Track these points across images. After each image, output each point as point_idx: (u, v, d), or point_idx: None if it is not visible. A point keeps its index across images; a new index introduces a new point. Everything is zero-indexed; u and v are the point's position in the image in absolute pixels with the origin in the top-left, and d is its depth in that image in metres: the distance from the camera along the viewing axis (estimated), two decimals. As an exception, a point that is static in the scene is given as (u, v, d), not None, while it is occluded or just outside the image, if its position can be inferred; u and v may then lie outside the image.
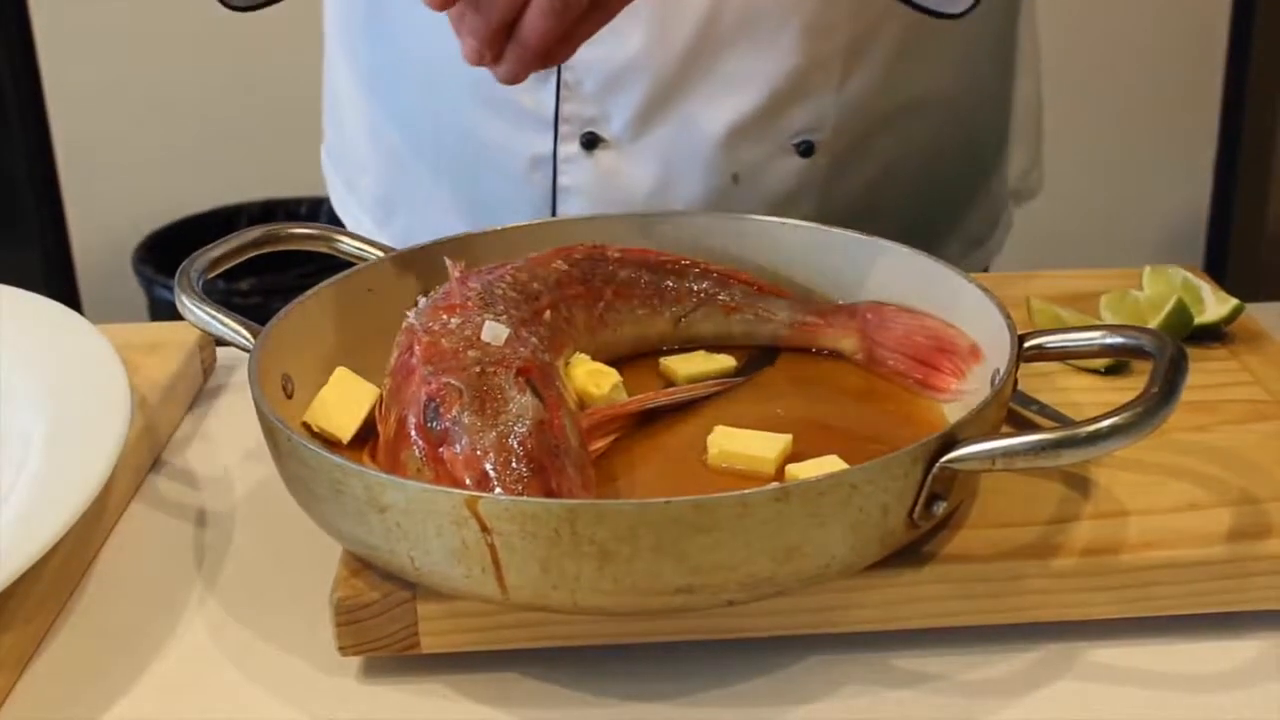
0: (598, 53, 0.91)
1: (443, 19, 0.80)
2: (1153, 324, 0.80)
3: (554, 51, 0.73)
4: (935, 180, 1.02)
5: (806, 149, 0.94)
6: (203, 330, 0.71)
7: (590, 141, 0.95)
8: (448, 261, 0.74)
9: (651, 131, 0.94)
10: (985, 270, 1.10)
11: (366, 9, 1.02)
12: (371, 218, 1.08)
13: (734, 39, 0.91)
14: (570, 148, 0.96)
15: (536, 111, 0.96)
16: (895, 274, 0.77)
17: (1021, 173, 1.11)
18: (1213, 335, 0.82)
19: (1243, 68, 2.41)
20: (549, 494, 0.59)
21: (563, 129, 0.95)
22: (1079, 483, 0.67)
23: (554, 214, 0.98)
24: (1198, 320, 0.81)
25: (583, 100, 0.94)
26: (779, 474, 0.66)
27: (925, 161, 1.00)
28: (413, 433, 0.63)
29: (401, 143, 1.04)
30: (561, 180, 0.97)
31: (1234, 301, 0.82)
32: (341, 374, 0.70)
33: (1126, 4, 2.33)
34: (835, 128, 0.94)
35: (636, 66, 0.92)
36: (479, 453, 0.60)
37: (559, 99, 0.94)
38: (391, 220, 1.07)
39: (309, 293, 0.72)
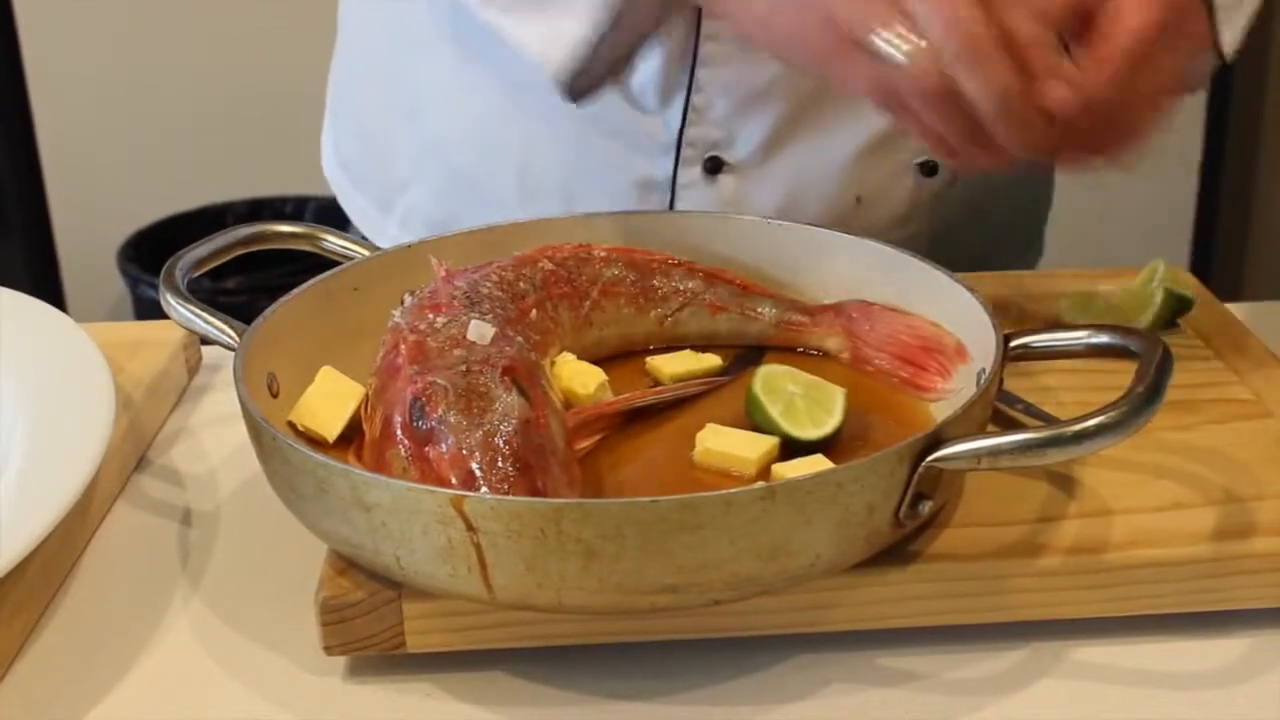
0: (734, 74, 0.89)
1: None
2: (1144, 319, 0.81)
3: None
4: (1006, 194, 1.02)
5: (931, 168, 0.93)
6: (187, 329, 0.71)
7: (714, 166, 0.92)
8: (433, 260, 0.74)
9: (779, 155, 0.92)
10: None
11: (439, 22, 0.96)
12: (416, 238, 1.02)
13: None
14: (692, 172, 0.92)
15: (657, 134, 0.92)
16: (881, 273, 0.77)
17: (1051, 185, 1.11)
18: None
19: (1228, 68, 2.41)
20: (534, 493, 0.59)
21: (685, 153, 0.92)
22: (1064, 482, 0.67)
23: None
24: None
25: (711, 123, 0.91)
26: (763, 474, 0.66)
27: (1004, 177, 1.00)
28: (398, 432, 0.63)
29: (474, 163, 0.98)
30: (679, 206, 0.93)
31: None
32: (327, 373, 0.70)
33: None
34: None
35: (774, 88, 0.89)
36: (464, 452, 0.60)
37: (685, 122, 0.91)
38: None
39: (294, 291, 0.72)
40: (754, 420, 0.69)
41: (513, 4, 0.84)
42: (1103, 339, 0.65)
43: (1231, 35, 0.75)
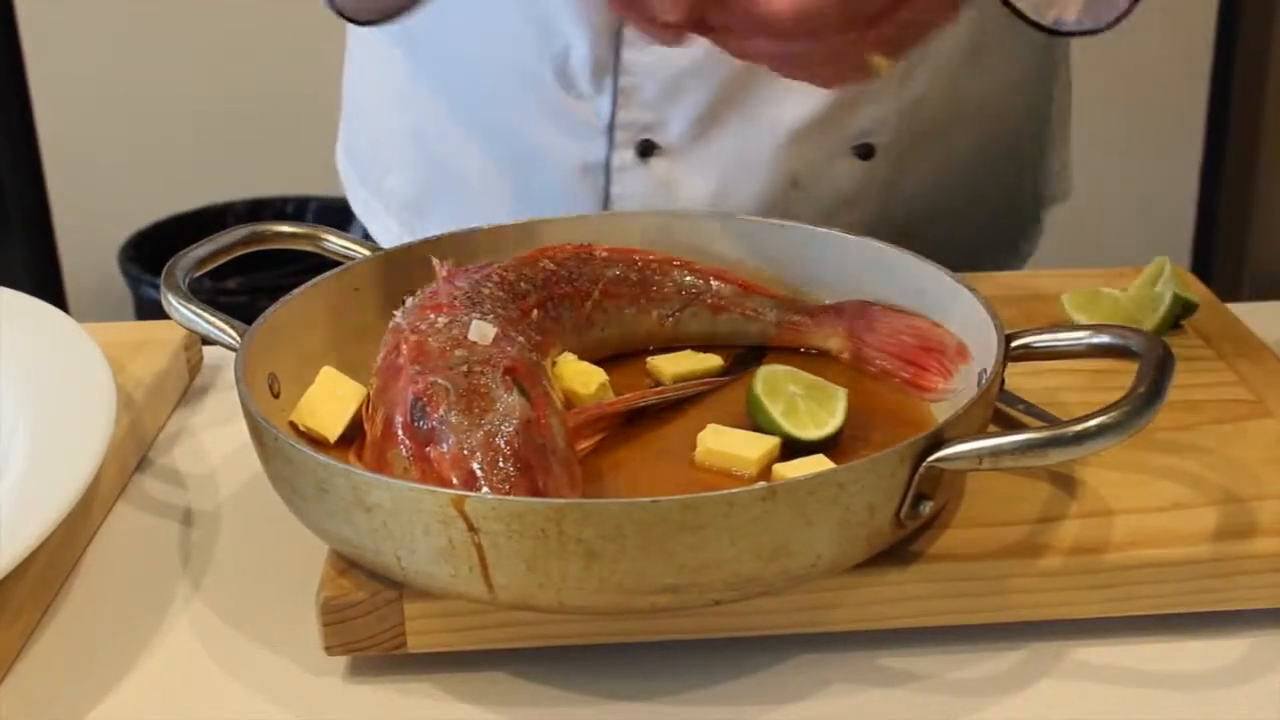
0: (659, 57, 0.90)
1: (502, 18, 0.77)
2: (1150, 323, 0.81)
3: None
4: (985, 186, 1.02)
5: (866, 152, 0.93)
6: (189, 329, 0.71)
7: (646, 149, 0.93)
8: (434, 261, 0.74)
9: (710, 138, 0.93)
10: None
11: (432, 12, 0.98)
12: (399, 221, 1.06)
13: None
14: (624, 156, 0.94)
15: (590, 119, 0.93)
16: (882, 273, 0.77)
17: (1054, 174, 1.11)
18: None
19: (1228, 68, 2.41)
20: (535, 493, 0.59)
21: (618, 136, 0.93)
22: (1065, 482, 0.67)
23: None
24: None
25: (640, 107, 0.92)
26: (764, 474, 0.66)
27: (977, 167, 1.00)
28: (399, 432, 0.63)
29: (444, 145, 1.01)
30: (614, 190, 0.95)
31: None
32: (328, 373, 0.70)
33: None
34: (895, 129, 0.94)
35: (700, 71, 0.90)
36: (465, 452, 0.60)
37: (615, 105, 0.92)
38: (423, 224, 1.04)
39: (295, 291, 0.72)
40: (755, 420, 0.69)
41: None
42: (1104, 339, 0.65)
43: None
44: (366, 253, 0.78)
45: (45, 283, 2.39)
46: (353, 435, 0.68)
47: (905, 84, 0.92)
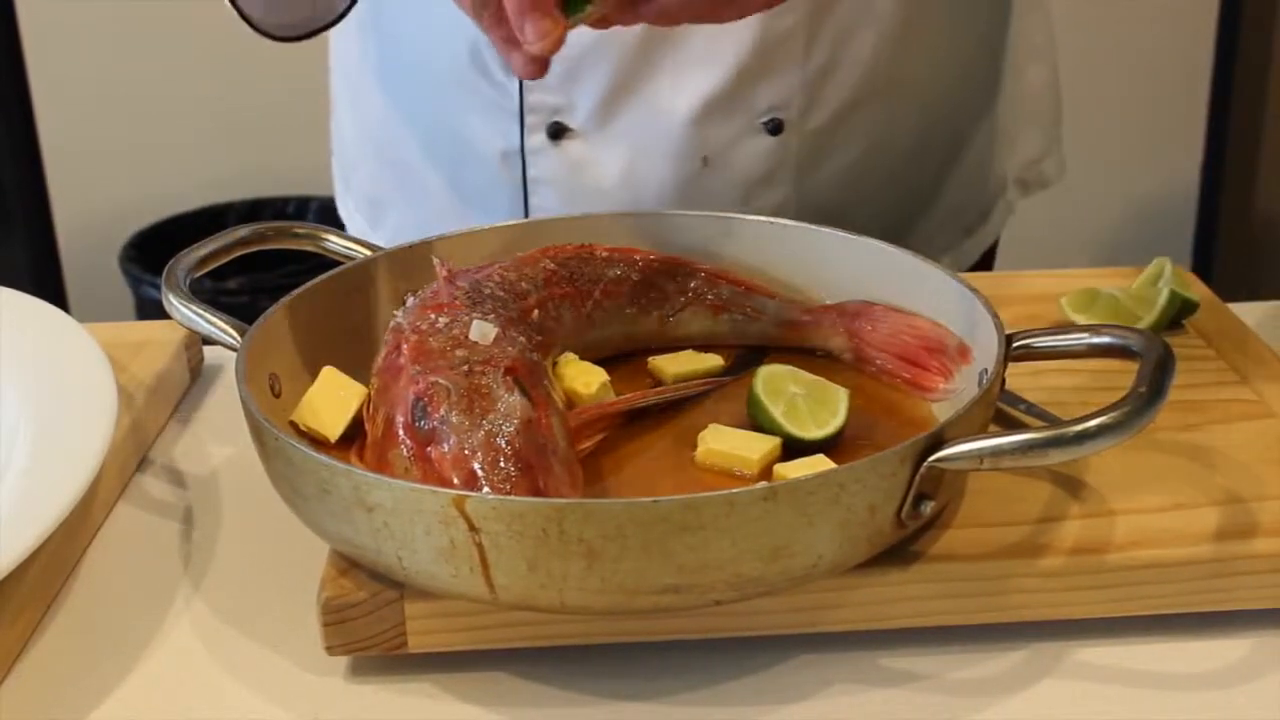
0: None
1: (427, 11, 0.79)
2: (1147, 319, 0.81)
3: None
4: (918, 168, 1.02)
5: (775, 127, 0.93)
6: (189, 329, 0.71)
7: (557, 132, 0.95)
8: (435, 261, 0.74)
9: (618, 118, 0.94)
10: (990, 262, 1.10)
11: (365, 5, 1.02)
12: (364, 216, 1.09)
13: None
14: (537, 139, 0.96)
15: (504, 103, 0.95)
16: (883, 273, 0.77)
17: (1029, 162, 1.10)
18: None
19: (1228, 68, 2.41)
20: (536, 493, 0.59)
21: (529, 119, 0.95)
22: (1066, 482, 0.67)
23: (526, 207, 0.98)
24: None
25: (546, 89, 0.94)
26: (765, 473, 0.66)
27: (907, 148, 1.00)
28: (400, 432, 0.63)
29: (391, 138, 1.04)
30: (531, 172, 0.96)
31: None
32: (329, 373, 0.70)
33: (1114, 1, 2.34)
34: (804, 106, 0.94)
35: (597, 51, 0.92)
36: (466, 452, 0.60)
37: (523, 89, 0.94)
38: (381, 219, 1.07)
39: (296, 291, 0.72)
40: (756, 420, 0.69)
41: None
42: (1104, 339, 0.65)
43: None
44: (367, 253, 0.78)
45: (45, 283, 2.39)
46: (353, 435, 0.68)
47: (809, 56, 0.92)
